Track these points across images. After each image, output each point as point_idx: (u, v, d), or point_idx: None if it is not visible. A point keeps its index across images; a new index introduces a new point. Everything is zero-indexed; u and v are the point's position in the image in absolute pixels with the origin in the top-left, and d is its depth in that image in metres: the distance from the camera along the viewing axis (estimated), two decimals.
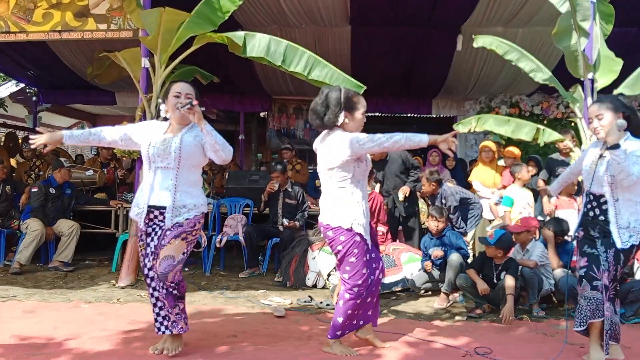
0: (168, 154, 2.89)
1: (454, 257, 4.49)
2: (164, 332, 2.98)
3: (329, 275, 5.02)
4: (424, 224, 5.86)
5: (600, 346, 2.98)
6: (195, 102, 2.83)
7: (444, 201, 5.34)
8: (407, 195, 5.54)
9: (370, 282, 3.07)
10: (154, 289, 2.93)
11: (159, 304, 2.94)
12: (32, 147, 3.02)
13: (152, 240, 2.93)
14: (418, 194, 5.75)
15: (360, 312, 3.13)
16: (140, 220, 2.93)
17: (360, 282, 3.02)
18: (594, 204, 3.04)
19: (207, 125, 2.88)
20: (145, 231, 2.95)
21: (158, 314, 2.97)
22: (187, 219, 2.90)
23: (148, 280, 2.96)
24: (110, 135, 3.10)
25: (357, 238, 3.02)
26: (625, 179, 2.83)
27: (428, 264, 4.71)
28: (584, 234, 3.10)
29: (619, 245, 2.93)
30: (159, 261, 2.86)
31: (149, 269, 2.92)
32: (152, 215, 2.93)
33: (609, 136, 2.82)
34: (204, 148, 2.95)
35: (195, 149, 2.94)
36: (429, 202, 5.74)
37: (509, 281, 4.01)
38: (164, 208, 2.89)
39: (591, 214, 3.05)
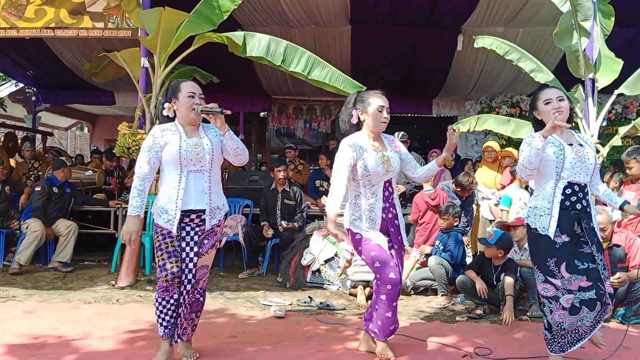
0: (202, 157, 2.84)
1: (431, 262, 4.61)
2: (176, 341, 2.91)
3: (326, 262, 5.07)
4: None
5: None
6: (227, 112, 2.79)
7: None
8: (398, 194, 5.58)
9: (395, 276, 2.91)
10: (187, 292, 2.86)
11: (181, 309, 2.87)
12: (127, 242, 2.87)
13: (187, 244, 2.86)
14: None
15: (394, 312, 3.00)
16: (173, 227, 2.80)
17: (384, 278, 2.90)
18: (580, 195, 2.81)
19: (230, 130, 2.88)
20: (177, 233, 2.83)
21: (175, 319, 2.87)
22: (218, 222, 2.93)
23: (181, 287, 2.83)
24: (151, 173, 2.87)
25: (357, 237, 3.00)
26: None
27: (425, 248, 4.95)
28: (568, 236, 2.76)
29: (600, 238, 2.87)
30: (196, 269, 2.87)
31: (189, 271, 2.84)
32: (187, 220, 2.85)
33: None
34: (222, 144, 2.94)
35: (220, 148, 2.94)
36: None
37: (508, 282, 4.00)
38: (201, 211, 2.86)
39: (578, 206, 2.79)
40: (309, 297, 4.48)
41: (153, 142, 2.85)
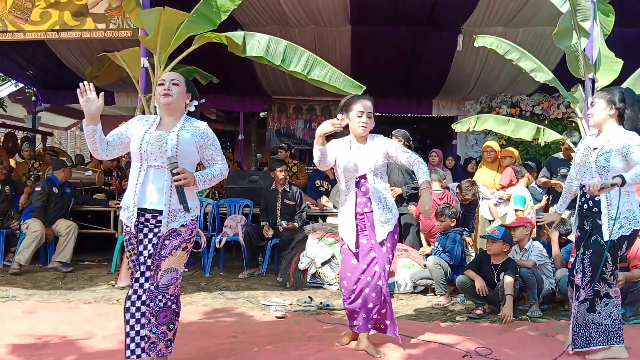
0: (163, 152, 2.60)
1: (430, 263, 4.68)
2: (138, 357, 2.63)
3: (322, 264, 5.06)
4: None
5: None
6: (176, 179, 2.53)
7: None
8: (395, 197, 5.56)
9: (354, 286, 3.13)
10: (144, 303, 2.63)
11: (143, 320, 2.63)
12: (86, 96, 2.89)
13: (145, 248, 2.63)
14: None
15: (352, 314, 3.19)
16: (131, 224, 2.62)
17: (343, 282, 3.19)
18: (587, 196, 3.09)
19: (199, 180, 2.61)
20: (135, 235, 2.64)
21: (137, 333, 2.64)
22: (183, 225, 2.64)
23: (138, 292, 2.64)
24: (109, 142, 2.80)
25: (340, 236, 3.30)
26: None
27: (425, 249, 5.17)
28: (580, 231, 3.19)
29: (606, 237, 2.97)
30: (161, 273, 2.60)
31: (146, 280, 2.63)
32: (142, 219, 2.63)
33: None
34: (200, 147, 2.71)
35: (192, 147, 2.68)
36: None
37: (508, 281, 4.00)
38: (157, 211, 2.61)
39: (585, 206, 3.13)
40: (309, 297, 4.48)
41: (128, 124, 2.83)
